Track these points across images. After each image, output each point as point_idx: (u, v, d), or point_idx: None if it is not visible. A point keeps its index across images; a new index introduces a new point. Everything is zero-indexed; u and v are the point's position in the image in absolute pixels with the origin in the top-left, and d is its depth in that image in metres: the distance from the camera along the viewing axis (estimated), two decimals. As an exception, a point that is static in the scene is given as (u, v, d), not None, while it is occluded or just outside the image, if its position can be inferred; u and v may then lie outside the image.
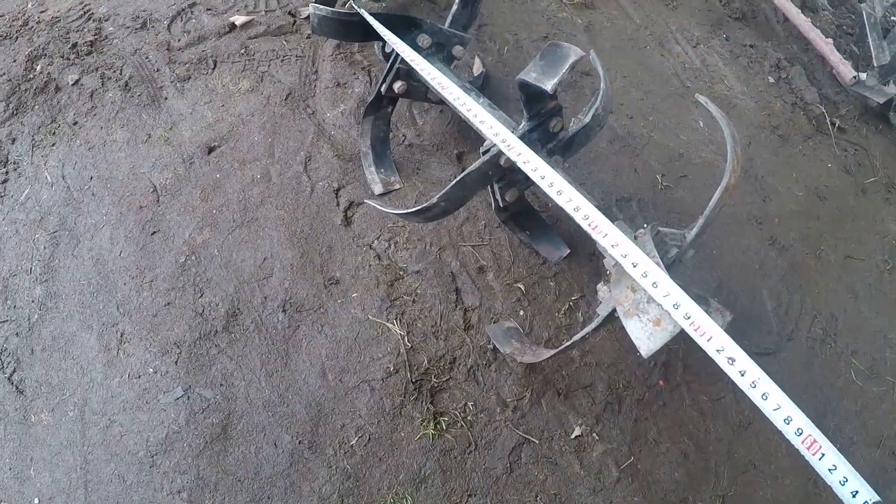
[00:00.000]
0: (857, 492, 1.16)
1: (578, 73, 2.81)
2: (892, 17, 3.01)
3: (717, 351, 1.33)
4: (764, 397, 1.26)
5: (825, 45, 3.07)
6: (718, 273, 2.33)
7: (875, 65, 2.96)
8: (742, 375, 1.29)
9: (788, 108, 2.98)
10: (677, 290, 1.41)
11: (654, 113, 2.79)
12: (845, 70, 3.00)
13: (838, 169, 2.84)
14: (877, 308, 2.43)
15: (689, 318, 1.38)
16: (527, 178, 2.00)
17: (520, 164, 1.70)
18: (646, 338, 1.50)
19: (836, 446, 2.04)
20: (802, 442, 1.21)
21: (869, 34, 3.02)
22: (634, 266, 1.48)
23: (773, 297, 2.33)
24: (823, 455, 1.20)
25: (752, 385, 1.28)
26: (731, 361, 1.31)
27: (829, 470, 1.19)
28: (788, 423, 1.23)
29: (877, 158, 2.94)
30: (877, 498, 1.14)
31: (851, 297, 2.43)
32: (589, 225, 1.57)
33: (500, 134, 1.75)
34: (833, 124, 2.96)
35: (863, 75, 3.01)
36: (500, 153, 1.84)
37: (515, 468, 1.90)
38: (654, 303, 1.47)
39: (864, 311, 2.41)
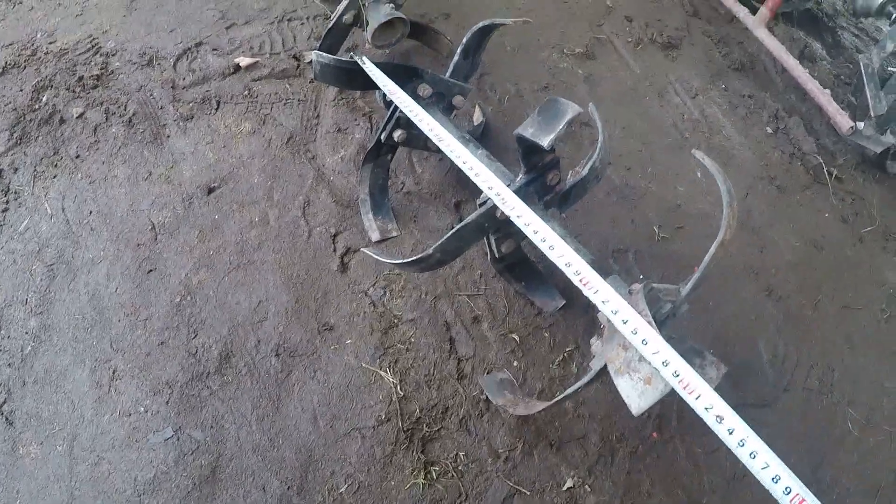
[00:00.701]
0: None
1: (578, 125, 2.83)
2: (890, 68, 3.04)
3: (706, 409, 1.32)
4: (752, 456, 1.25)
5: (822, 95, 3.09)
6: (714, 324, 2.33)
7: (872, 115, 2.98)
8: (731, 434, 1.28)
9: (786, 159, 3.00)
10: (667, 349, 1.41)
11: (652, 164, 2.80)
12: (843, 120, 3.02)
13: (835, 219, 2.85)
14: (874, 357, 2.42)
15: (678, 375, 1.38)
16: (523, 229, 2.02)
17: (513, 218, 1.71)
18: (636, 396, 1.49)
19: (832, 497, 2.03)
20: (791, 502, 1.20)
21: (866, 84, 3.04)
22: (625, 323, 1.49)
23: (770, 349, 2.33)
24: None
25: (741, 444, 1.27)
26: (719, 420, 1.31)
27: None
28: (777, 482, 1.22)
29: (874, 207, 2.95)
30: None
31: (848, 347, 2.42)
32: (580, 280, 1.59)
33: (494, 188, 1.76)
34: (830, 174, 2.97)
35: (860, 125, 3.03)
36: (496, 205, 1.85)
37: (506, 520, 1.88)
38: (646, 361, 1.47)
39: (861, 361, 2.40)
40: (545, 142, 1.67)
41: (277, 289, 2.21)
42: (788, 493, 1.19)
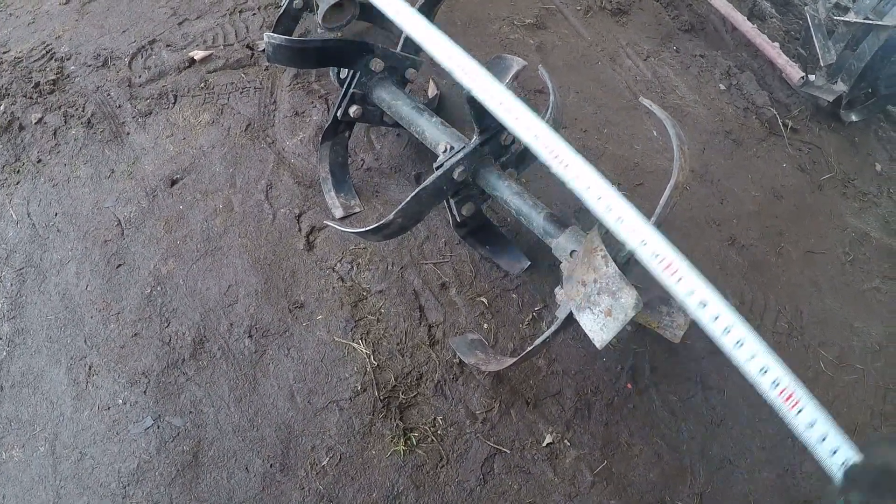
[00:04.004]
0: (836, 450, 1.07)
1: (532, 92, 2.89)
2: (836, 18, 3.09)
3: (689, 293, 1.22)
4: (738, 344, 1.15)
5: (772, 49, 3.15)
6: (680, 275, 2.37)
7: (822, 64, 3.04)
8: (715, 320, 1.18)
9: (741, 113, 3.06)
10: (643, 227, 1.33)
11: (608, 126, 2.85)
12: (793, 71, 3.08)
13: (793, 168, 2.91)
14: (841, 299, 2.49)
15: (658, 256, 1.29)
16: (482, 192, 2.05)
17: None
18: (599, 329, 1.54)
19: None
20: (780, 394, 1.10)
21: (814, 35, 3.09)
22: (599, 199, 1.40)
23: (736, 296, 2.38)
24: (801, 410, 1.09)
25: (726, 331, 1.17)
26: (703, 305, 1.20)
27: (808, 426, 1.09)
28: (764, 374, 1.12)
29: (831, 155, 3.02)
30: (856, 457, 1.04)
31: (815, 291, 2.49)
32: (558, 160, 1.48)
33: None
34: (786, 125, 3.04)
35: (812, 76, 3.09)
36: (453, 168, 1.88)
37: (489, 479, 1.91)
38: (604, 294, 1.50)
39: (828, 303, 2.46)
40: (492, 98, 1.70)
41: (246, 272, 2.23)
42: (776, 386, 1.12)
